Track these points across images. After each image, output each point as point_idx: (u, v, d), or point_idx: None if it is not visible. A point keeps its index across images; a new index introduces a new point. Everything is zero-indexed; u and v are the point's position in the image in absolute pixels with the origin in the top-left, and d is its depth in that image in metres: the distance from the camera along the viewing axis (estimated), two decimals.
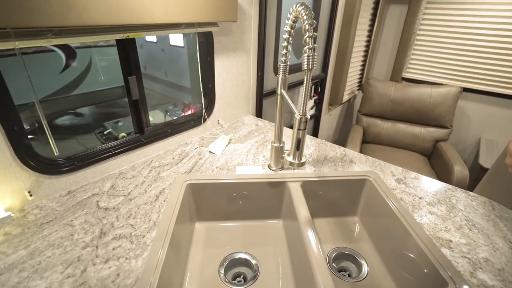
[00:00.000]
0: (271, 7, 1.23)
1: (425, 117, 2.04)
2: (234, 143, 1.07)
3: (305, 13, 0.53)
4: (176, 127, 1.01)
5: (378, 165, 0.94)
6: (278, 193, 0.87)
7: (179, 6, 0.75)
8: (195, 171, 0.88)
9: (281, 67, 0.75)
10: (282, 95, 0.77)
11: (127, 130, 1.88)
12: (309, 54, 0.52)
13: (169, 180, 0.83)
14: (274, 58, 1.38)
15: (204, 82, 1.06)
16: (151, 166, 0.90)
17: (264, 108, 1.44)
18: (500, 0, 1.91)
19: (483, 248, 0.62)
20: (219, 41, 1.03)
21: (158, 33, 0.79)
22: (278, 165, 0.89)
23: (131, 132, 0.96)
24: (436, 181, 0.87)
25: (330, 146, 1.06)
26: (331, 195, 0.89)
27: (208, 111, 1.12)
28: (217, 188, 0.84)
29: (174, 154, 0.98)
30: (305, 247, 0.64)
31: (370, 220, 0.87)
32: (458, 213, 0.73)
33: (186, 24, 0.84)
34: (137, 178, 0.83)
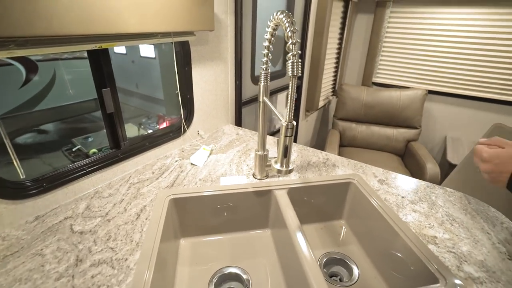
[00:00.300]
0: (246, 17, 1.24)
1: (396, 119, 2.14)
2: (216, 153, 1.04)
3: (287, 21, 0.54)
4: (155, 140, 0.97)
5: (360, 167, 0.96)
6: (265, 202, 0.86)
7: (155, 15, 0.72)
8: (177, 185, 0.84)
9: (262, 74, 0.74)
10: (264, 103, 0.77)
11: (98, 145, 1.78)
12: (293, 60, 0.52)
13: (150, 196, 0.79)
14: (251, 66, 1.39)
15: (182, 92, 1.03)
16: (130, 182, 0.85)
17: (244, 117, 1.43)
18: (458, 10, 2.07)
19: (465, 241, 0.65)
20: (196, 50, 1.02)
21: (133, 43, 0.76)
22: (263, 173, 0.88)
23: (103, 147, 0.90)
24: (415, 180, 0.90)
25: (312, 151, 1.07)
26: (317, 200, 0.89)
27: (188, 122, 1.09)
28: (202, 201, 0.81)
29: (154, 168, 0.93)
30: (297, 255, 0.62)
31: (356, 223, 0.88)
32: (439, 209, 0.76)
33: (163, 33, 0.82)
34: (115, 196, 0.78)
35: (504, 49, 2.02)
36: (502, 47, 2.02)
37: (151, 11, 0.71)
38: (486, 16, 2.00)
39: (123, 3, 0.64)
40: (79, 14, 0.56)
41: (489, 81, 2.13)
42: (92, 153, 1.34)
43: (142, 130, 2.20)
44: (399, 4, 2.27)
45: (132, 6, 0.65)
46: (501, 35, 2.00)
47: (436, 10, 2.14)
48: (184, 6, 0.80)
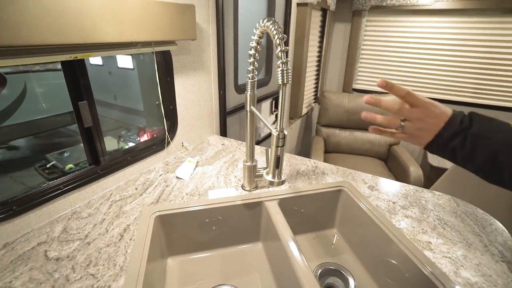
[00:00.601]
0: (228, 26, 1.23)
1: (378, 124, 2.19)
2: (202, 165, 1.00)
3: (274, 28, 0.52)
4: (137, 153, 0.92)
5: (349, 174, 0.95)
6: (255, 214, 0.83)
7: (134, 23, 0.69)
8: (162, 200, 0.80)
9: (249, 83, 0.72)
10: (252, 113, 0.75)
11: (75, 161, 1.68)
12: (283, 68, 0.50)
13: (134, 214, 0.74)
14: (234, 75, 1.37)
15: (165, 103, 0.99)
16: (111, 200, 0.80)
17: (228, 127, 1.40)
18: (427, 19, 2.17)
19: (459, 245, 0.65)
20: (178, 60, 0.99)
21: (112, 52, 0.72)
22: (252, 184, 0.85)
23: (80, 162, 0.84)
24: (404, 184, 0.90)
25: (301, 159, 1.06)
26: (308, 210, 0.87)
27: (171, 134, 1.05)
28: (190, 217, 0.77)
29: (137, 184, 0.88)
30: (292, 267, 0.60)
31: (349, 231, 0.86)
32: (430, 213, 0.76)
33: (143, 42, 0.78)
34: (95, 216, 0.73)
35: (474, 55, 2.13)
36: (472, 53, 2.13)
37: (129, 19, 0.68)
38: (455, 24, 2.11)
39: (99, 11, 0.60)
40: (51, 22, 0.52)
41: (461, 85, 2.23)
42: (69, 168, 1.26)
43: (122, 143, 2.11)
44: (374, 13, 2.35)
45: (109, 15, 0.62)
46: (470, 42, 2.11)
47: (408, 19, 2.24)
48: (165, 14, 0.78)
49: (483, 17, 2.03)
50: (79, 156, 1.53)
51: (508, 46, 2.02)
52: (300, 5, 1.83)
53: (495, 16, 2.00)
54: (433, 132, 0.48)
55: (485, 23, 2.04)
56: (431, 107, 0.48)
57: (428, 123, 0.48)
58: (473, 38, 2.10)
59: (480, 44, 2.09)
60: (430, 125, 0.48)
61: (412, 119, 0.49)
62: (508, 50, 2.03)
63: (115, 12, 0.63)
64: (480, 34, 2.07)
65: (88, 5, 0.58)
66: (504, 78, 2.10)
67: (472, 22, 2.07)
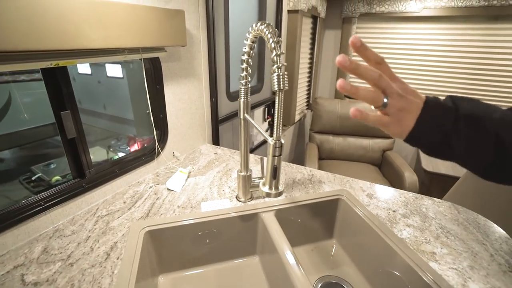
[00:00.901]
0: (219, 32, 1.21)
1: (371, 130, 2.19)
2: (194, 176, 0.96)
3: (269, 31, 0.50)
4: (126, 165, 0.88)
5: (346, 182, 0.93)
6: (251, 227, 0.79)
7: (121, 29, 0.66)
8: (153, 214, 0.75)
9: (242, 90, 0.69)
10: (246, 120, 0.72)
11: (61, 172, 1.62)
12: (278, 73, 0.47)
13: (122, 230, 0.69)
14: (226, 82, 1.34)
15: (155, 112, 0.95)
16: (97, 215, 0.75)
17: (221, 135, 1.37)
18: (419, 26, 2.21)
19: (464, 255, 0.62)
20: (168, 67, 0.95)
21: (96, 59, 0.68)
22: (247, 195, 0.81)
23: (67, 174, 0.79)
24: (403, 191, 0.88)
25: (296, 167, 1.03)
26: (306, 220, 0.84)
27: (161, 144, 1.01)
28: (182, 232, 0.73)
29: (126, 197, 0.84)
30: (291, 282, 0.57)
31: (349, 241, 0.83)
32: (432, 221, 0.73)
33: (130, 49, 0.75)
34: (79, 234, 0.68)
35: (462, 61, 2.16)
36: (460, 59, 2.17)
37: (115, 24, 0.64)
38: (442, 31, 2.15)
39: (82, 15, 0.57)
40: (29, 26, 0.48)
41: (450, 91, 2.26)
42: (55, 181, 1.21)
43: (111, 153, 2.04)
44: (364, 20, 2.38)
45: (93, 19, 0.59)
46: (457, 48, 2.15)
47: (397, 26, 2.27)
48: (153, 19, 0.75)
49: (469, 24, 2.07)
50: (66, 168, 1.47)
51: (494, 52, 2.06)
52: (291, 12, 1.84)
53: (481, 22, 2.05)
54: (415, 113, 0.39)
55: (471, 29, 2.08)
56: (405, 83, 0.41)
57: (409, 101, 0.39)
58: (460, 44, 2.14)
59: (468, 50, 2.13)
60: (411, 104, 0.39)
61: (392, 94, 0.39)
62: (494, 55, 2.07)
63: (99, 16, 0.60)
64: (467, 40, 2.11)
65: (70, 9, 0.54)
66: (491, 83, 2.13)
67: (459, 28, 2.11)
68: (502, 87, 2.11)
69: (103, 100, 2.29)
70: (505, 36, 2.01)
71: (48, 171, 1.71)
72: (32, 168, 1.70)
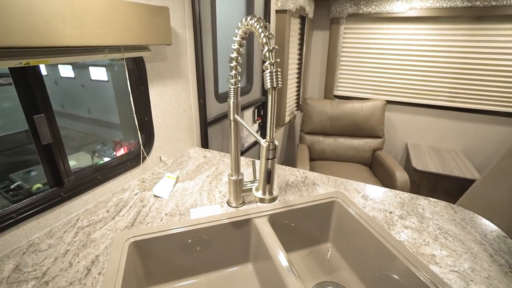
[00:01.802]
0: (206, 31, 1.17)
1: (361, 130, 2.19)
2: (182, 181, 0.92)
3: (259, 26, 0.46)
4: (109, 171, 0.83)
5: (341, 183, 0.90)
6: (244, 233, 0.75)
7: (99, 25, 0.61)
8: (138, 223, 0.70)
9: (231, 90, 0.66)
10: (236, 122, 0.68)
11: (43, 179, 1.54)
12: (271, 70, 0.44)
13: (105, 242, 0.64)
14: (214, 83, 1.30)
15: (139, 115, 0.90)
16: (78, 226, 0.69)
17: (210, 138, 1.32)
18: (405, 26, 2.23)
19: (464, 256, 0.60)
20: (153, 67, 0.91)
21: (73, 58, 0.63)
22: (238, 200, 0.77)
23: None
24: (399, 192, 0.86)
25: (289, 170, 1.00)
26: (300, 225, 0.81)
27: (147, 148, 0.96)
28: (170, 241, 0.68)
29: (109, 205, 0.78)
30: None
31: (345, 245, 0.80)
32: (429, 222, 0.72)
33: (111, 47, 0.70)
34: (56, 247, 0.62)
35: (447, 60, 2.20)
36: (445, 59, 2.20)
37: (93, 20, 0.60)
38: (428, 31, 2.17)
39: (55, 9, 0.52)
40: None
41: (437, 90, 2.29)
42: (37, 189, 1.14)
43: (96, 158, 1.96)
44: (351, 21, 2.38)
45: (67, 14, 0.54)
46: (443, 48, 2.18)
47: (384, 26, 2.28)
48: (135, 16, 0.70)
49: (454, 24, 2.11)
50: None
51: (478, 52, 2.10)
52: (279, 12, 1.81)
53: (464, 23, 2.08)
54: None
55: (456, 29, 2.11)
56: None
57: None
58: (446, 44, 2.17)
59: (453, 50, 2.16)
60: None
61: None
62: (478, 55, 2.11)
63: (74, 10, 0.55)
64: (452, 40, 2.15)
65: (39, 2, 0.49)
66: (476, 82, 2.17)
67: (444, 29, 2.14)
68: (486, 86, 2.16)
69: (87, 104, 2.20)
70: (488, 36, 2.05)
71: (28, 178, 1.61)
72: (11, 176, 1.60)
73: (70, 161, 1.13)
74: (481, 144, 2.29)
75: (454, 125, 2.32)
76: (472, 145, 2.32)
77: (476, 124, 2.26)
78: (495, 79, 2.12)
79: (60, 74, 2.29)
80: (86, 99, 2.30)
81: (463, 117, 2.29)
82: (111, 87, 2.04)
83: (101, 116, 2.28)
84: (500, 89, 2.13)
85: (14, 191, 1.54)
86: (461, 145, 2.35)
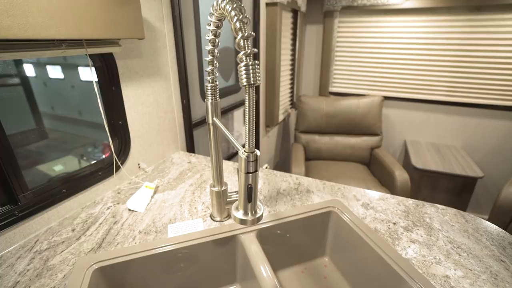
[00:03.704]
0: (187, 25, 1.07)
1: (358, 127, 2.11)
2: (162, 191, 0.82)
3: (232, 8, 0.37)
4: (77, 183, 0.73)
5: (338, 190, 0.81)
6: (229, 251, 0.66)
7: (49, 15, 0.51)
8: (107, 244, 0.61)
9: (208, 89, 0.57)
10: (215, 125, 0.59)
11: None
12: (247, 62, 0.35)
13: (65, 269, 0.55)
14: (199, 82, 1.21)
15: (111, 118, 0.81)
16: (35, 251, 0.60)
17: (197, 141, 1.23)
18: (402, 18, 2.14)
19: (483, 277, 0.52)
20: (125, 65, 0.81)
21: (20, 55, 0.53)
22: (223, 214, 0.68)
23: None
24: (402, 198, 0.78)
25: (280, 175, 0.91)
26: (293, 238, 0.72)
27: (123, 155, 0.86)
28: (144, 264, 0.59)
29: (76, 222, 0.69)
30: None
31: (343, 259, 0.72)
32: (438, 234, 0.63)
33: (68, 41, 0.61)
34: (4, 279, 0.53)
35: (445, 53, 2.12)
36: (443, 52, 2.12)
37: (39, 8, 0.50)
38: (425, 23, 2.09)
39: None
40: None
41: (435, 84, 2.21)
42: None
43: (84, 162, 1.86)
44: (346, 14, 2.29)
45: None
46: (440, 40, 2.10)
47: (380, 19, 2.20)
48: (97, 5, 0.61)
49: (451, 15, 2.02)
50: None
51: (476, 43, 2.02)
52: (269, 5, 1.72)
53: (462, 14, 2.00)
54: None
55: (453, 21, 2.03)
56: None
57: None
58: (443, 37, 2.09)
59: (451, 42, 2.08)
60: None
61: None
62: (476, 47, 2.03)
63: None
64: (450, 32, 2.07)
65: None
66: (474, 74, 2.10)
67: (442, 20, 2.05)
68: (485, 79, 2.08)
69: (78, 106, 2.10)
70: (487, 27, 1.97)
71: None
72: None
73: (56, 166, 1.03)
74: (481, 140, 2.22)
75: (453, 120, 2.24)
76: (472, 141, 2.25)
77: (476, 119, 2.18)
78: (495, 72, 2.05)
79: (48, 76, 2.16)
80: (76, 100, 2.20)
81: (462, 112, 2.21)
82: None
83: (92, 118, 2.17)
84: (500, 82, 2.05)
85: None
86: (461, 141, 2.28)
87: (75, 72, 1.20)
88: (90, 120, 1.09)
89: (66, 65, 0.81)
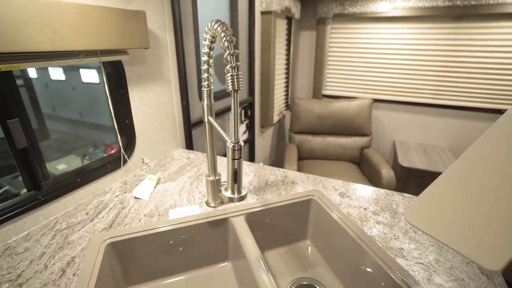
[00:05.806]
0: (187, 33, 1.18)
1: (349, 128, 2.22)
2: (164, 182, 0.93)
3: (222, 30, 0.48)
4: (89, 174, 0.84)
5: (319, 181, 0.92)
6: (222, 232, 0.77)
7: (73, 30, 0.62)
8: (117, 225, 0.72)
9: (204, 92, 0.67)
10: (210, 123, 0.70)
11: None
12: (232, 73, 0.46)
13: (82, 243, 0.65)
14: (198, 85, 1.32)
15: (119, 118, 0.91)
16: (56, 229, 0.70)
17: (195, 139, 1.34)
18: (390, 25, 2.26)
19: (430, 249, 0.62)
20: (132, 71, 0.92)
21: (46, 63, 0.64)
22: (216, 200, 0.79)
23: None
24: (375, 188, 0.88)
25: (269, 169, 1.02)
26: (279, 223, 0.83)
27: (129, 151, 0.97)
28: (147, 241, 0.69)
29: (89, 208, 0.79)
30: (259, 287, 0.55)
31: (322, 242, 0.82)
32: (401, 217, 0.74)
33: (86, 52, 0.71)
34: (33, 250, 0.63)
35: (431, 59, 2.24)
36: (429, 57, 2.24)
37: (65, 26, 0.61)
38: (412, 30, 2.21)
39: (22, 16, 0.53)
40: None
41: (421, 87, 2.33)
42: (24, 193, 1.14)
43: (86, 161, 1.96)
44: (337, 21, 2.42)
45: (37, 20, 0.55)
46: (426, 46, 2.22)
47: (369, 26, 2.32)
48: (111, 21, 0.71)
49: (435, 23, 2.15)
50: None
51: (459, 50, 2.15)
52: (264, 14, 1.83)
53: (446, 22, 2.12)
54: None
55: (437, 28, 2.15)
56: None
57: None
58: (429, 43, 2.21)
59: (436, 48, 2.21)
60: None
61: None
62: (459, 53, 2.15)
63: (44, 18, 0.56)
64: (434, 39, 2.19)
65: (4, 10, 0.50)
66: (459, 79, 2.22)
67: (427, 27, 2.18)
68: (468, 83, 2.20)
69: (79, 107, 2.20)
70: (469, 34, 2.09)
71: (16, 183, 1.61)
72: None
73: (59, 165, 1.13)
74: (467, 140, 2.33)
75: (439, 122, 2.36)
76: (458, 142, 2.36)
77: (461, 120, 2.30)
78: (477, 76, 2.17)
79: (51, 77, 2.27)
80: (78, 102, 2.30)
81: (448, 114, 2.33)
82: (102, 89, 2.03)
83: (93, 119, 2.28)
84: (482, 85, 2.17)
85: (1, 196, 1.53)
86: (447, 141, 2.39)
87: (92, 77, 1.31)
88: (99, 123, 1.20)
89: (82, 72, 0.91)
